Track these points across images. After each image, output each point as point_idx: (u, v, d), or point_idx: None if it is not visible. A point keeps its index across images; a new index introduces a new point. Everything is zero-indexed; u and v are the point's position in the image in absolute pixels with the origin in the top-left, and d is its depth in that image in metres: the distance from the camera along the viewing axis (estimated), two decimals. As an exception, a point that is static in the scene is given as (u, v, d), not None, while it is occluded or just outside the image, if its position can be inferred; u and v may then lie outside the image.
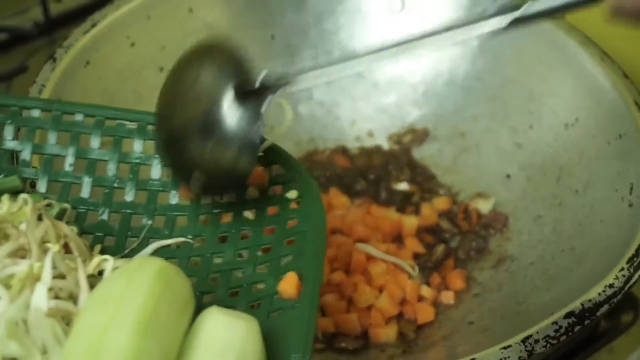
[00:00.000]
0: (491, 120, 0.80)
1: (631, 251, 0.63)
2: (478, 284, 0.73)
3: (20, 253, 0.52)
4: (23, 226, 0.53)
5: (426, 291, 0.71)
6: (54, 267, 0.51)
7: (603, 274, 0.62)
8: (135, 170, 0.61)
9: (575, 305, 0.60)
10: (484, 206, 0.78)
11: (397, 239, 0.75)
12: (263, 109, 0.56)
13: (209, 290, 0.56)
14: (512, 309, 0.69)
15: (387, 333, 0.69)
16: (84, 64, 0.74)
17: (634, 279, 0.62)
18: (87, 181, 0.61)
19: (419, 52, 0.54)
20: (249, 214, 0.59)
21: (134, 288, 0.47)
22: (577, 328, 0.59)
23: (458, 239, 0.76)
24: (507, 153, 0.79)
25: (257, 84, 0.56)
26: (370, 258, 0.71)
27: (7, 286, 0.50)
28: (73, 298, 0.51)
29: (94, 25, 0.75)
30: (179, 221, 0.60)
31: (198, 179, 0.56)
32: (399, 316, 0.70)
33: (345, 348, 0.68)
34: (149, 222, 0.59)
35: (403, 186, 0.80)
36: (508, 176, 0.79)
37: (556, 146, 0.76)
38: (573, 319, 0.59)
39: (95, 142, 0.62)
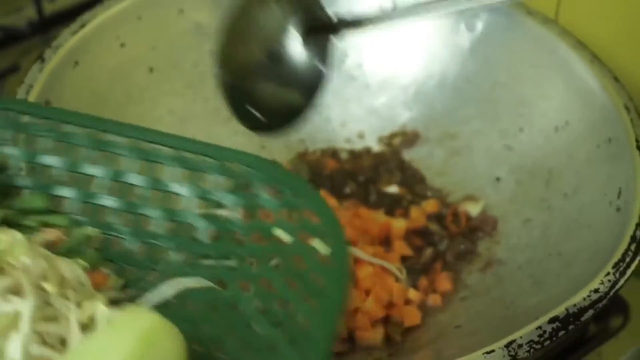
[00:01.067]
0: (482, 122, 0.80)
1: (617, 256, 0.62)
2: (466, 288, 0.73)
3: (17, 289, 0.50)
4: (25, 259, 0.51)
5: (413, 294, 0.71)
6: (49, 306, 0.49)
7: (589, 279, 0.62)
8: (168, 199, 0.58)
9: (560, 310, 0.60)
10: (474, 209, 0.78)
11: (385, 241, 0.75)
12: (329, 46, 0.56)
13: (218, 339, 0.53)
14: (499, 313, 0.68)
15: (374, 336, 0.69)
16: (72, 64, 0.74)
17: (619, 284, 0.61)
18: (116, 205, 0.58)
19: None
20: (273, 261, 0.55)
21: (112, 348, 0.46)
22: (561, 333, 0.59)
23: (446, 242, 0.76)
24: (497, 156, 0.79)
25: (326, 19, 0.56)
26: (357, 261, 0.71)
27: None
28: (64, 343, 0.49)
29: (83, 26, 0.75)
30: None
31: (255, 113, 0.57)
32: (386, 319, 0.70)
33: (331, 351, 0.68)
34: (176, 257, 0.56)
35: (393, 189, 0.79)
36: (498, 179, 0.78)
37: (546, 149, 0.76)
38: (557, 324, 0.59)
39: (130, 165, 0.57)
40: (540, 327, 0.59)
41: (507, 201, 0.77)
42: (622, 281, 0.61)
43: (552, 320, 0.59)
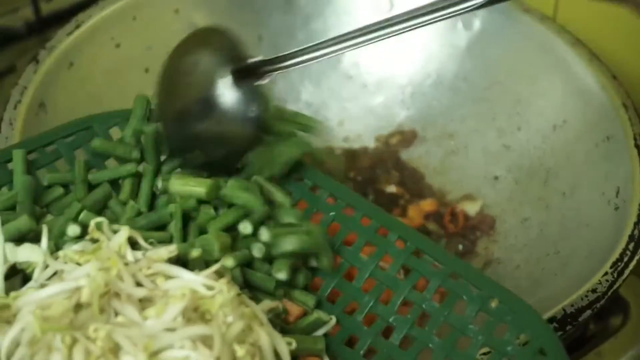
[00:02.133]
0: (479, 121, 0.80)
1: (615, 255, 0.62)
2: (464, 287, 0.73)
3: (207, 340, 0.47)
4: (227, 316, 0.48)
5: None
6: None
7: (587, 279, 0.62)
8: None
9: (557, 310, 0.59)
10: (471, 208, 0.77)
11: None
12: (257, 85, 0.57)
13: None
14: (497, 312, 0.68)
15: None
16: (67, 65, 0.73)
17: (617, 284, 0.61)
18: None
19: (404, 30, 0.55)
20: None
21: None
22: (559, 334, 0.58)
23: (444, 241, 0.75)
24: (494, 155, 0.79)
25: (250, 64, 0.57)
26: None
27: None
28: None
29: (78, 26, 0.75)
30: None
31: (198, 157, 0.57)
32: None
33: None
34: None
35: (391, 188, 0.79)
36: (496, 178, 0.78)
37: (544, 148, 0.76)
38: (555, 324, 0.59)
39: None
40: (537, 328, 0.58)
41: (504, 200, 0.77)
42: (620, 281, 0.61)
43: (549, 321, 0.59)
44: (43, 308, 0.47)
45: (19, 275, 0.53)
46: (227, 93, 0.57)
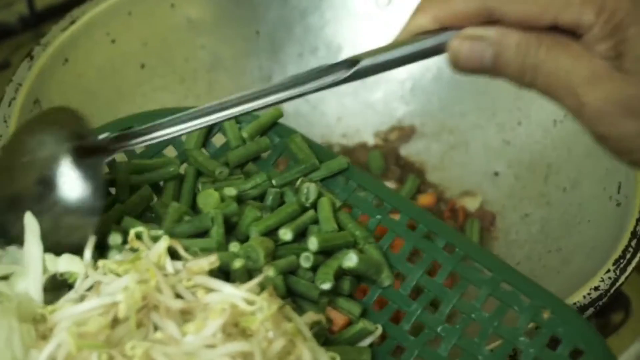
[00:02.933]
0: (479, 116, 0.79)
1: (618, 252, 0.62)
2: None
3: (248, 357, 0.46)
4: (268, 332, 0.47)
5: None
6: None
7: (589, 276, 0.61)
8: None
9: (559, 308, 0.59)
10: (471, 204, 0.77)
11: (382, 237, 0.74)
12: (101, 168, 0.53)
13: None
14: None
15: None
16: (62, 61, 0.73)
17: (620, 281, 0.60)
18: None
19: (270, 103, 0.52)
20: None
21: None
22: (560, 332, 0.58)
23: (444, 238, 0.75)
24: (495, 150, 0.78)
25: (93, 144, 0.53)
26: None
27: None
28: None
29: (73, 22, 0.74)
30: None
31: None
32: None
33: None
34: None
35: (390, 184, 0.78)
36: (496, 174, 0.78)
37: (544, 143, 0.75)
38: (557, 322, 0.58)
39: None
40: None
41: (505, 196, 0.76)
42: (622, 278, 0.60)
43: (551, 319, 0.58)
44: (79, 324, 0.46)
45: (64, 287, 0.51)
46: (67, 172, 0.52)
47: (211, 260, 0.49)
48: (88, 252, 0.51)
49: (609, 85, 0.46)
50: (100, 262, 0.49)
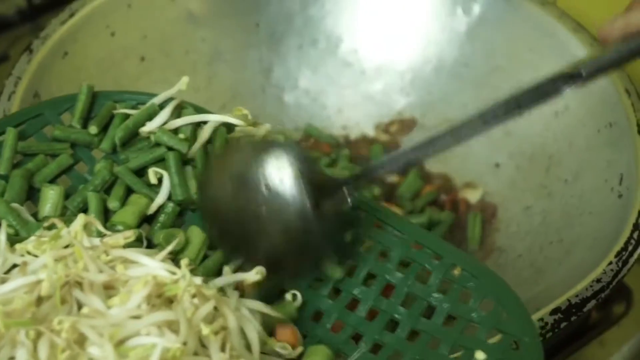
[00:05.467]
0: (480, 107, 0.79)
1: (620, 244, 0.62)
2: (466, 277, 0.72)
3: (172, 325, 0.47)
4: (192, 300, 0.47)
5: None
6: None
7: (591, 267, 0.61)
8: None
9: (562, 300, 0.59)
10: (473, 196, 0.77)
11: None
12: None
13: None
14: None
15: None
16: (62, 54, 0.72)
17: (622, 273, 0.60)
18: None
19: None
20: None
21: None
22: (563, 324, 0.58)
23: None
24: (496, 141, 0.78)
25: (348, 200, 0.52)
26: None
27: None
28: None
29: (72, 15, 0.73)
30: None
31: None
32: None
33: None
34: None
35: (391, 177, 0.78)
36: (497, 165, 0.77)
37: (546, 135, 0.75)
38: (559, 315, 0.58)
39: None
40: (542, 319, 0.58)
41: (506, 188, 0.76)
42: (625, 270, 0.60)
43: (553, 312, 0.58)
44: (4, 303, 0.46)
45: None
46: (312, 224, 0.51)
47: (126, 235, 0.51)
48: (2, 235, 0.51)
49: None
50: (18, 246, 0.50)
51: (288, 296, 0.54)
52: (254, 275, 0.52)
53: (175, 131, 0.57)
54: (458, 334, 0.51)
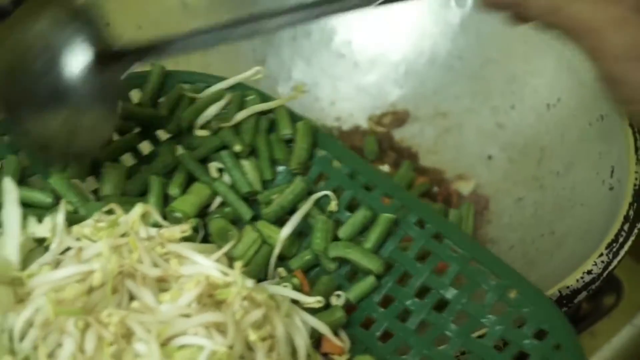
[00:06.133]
0: (473, 100, 0.79)
1: (610, 236, 0.62)
2: (457, 268, 0.72)
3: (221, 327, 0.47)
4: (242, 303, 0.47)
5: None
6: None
7: (582, 259, 0.61)
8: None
9: (553, 292, 0.59)
10: (465, 188, 0.77)
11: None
12: (123, 75, 0.51)
13: None
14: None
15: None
16: (56, 45, 0.72)
17: (612, 265, 0.61)
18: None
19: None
20: None
21: None
22: (554, 315, 0.58)
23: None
24: (488, 133, 0.78)
25: (117, 49, 0.51)
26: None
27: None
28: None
29: (66, 5, 0.73)
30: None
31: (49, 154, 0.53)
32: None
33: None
34: None
35: (385, 168, 0.79)
36: (489, 157, 0.78)
37: (538, 127, 0.75)
38: (550, 306, 0.58)
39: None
40: (533, 310, 0.58)
41: (498, 180, 0.76)
42: (615, 262, 0.61)
43: (544, 303, 0.58)
44: (56, 290, 0.46)
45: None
46: (87, 80, 0.50)
47: (183, 229, 0.50)
48: (61, 216, 0.51)
49: (636, 31, 0.47)
50: (75, 228, 0.50)
51: (333, 299, 0.53)
52: (312, 299, 0.51)
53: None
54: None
